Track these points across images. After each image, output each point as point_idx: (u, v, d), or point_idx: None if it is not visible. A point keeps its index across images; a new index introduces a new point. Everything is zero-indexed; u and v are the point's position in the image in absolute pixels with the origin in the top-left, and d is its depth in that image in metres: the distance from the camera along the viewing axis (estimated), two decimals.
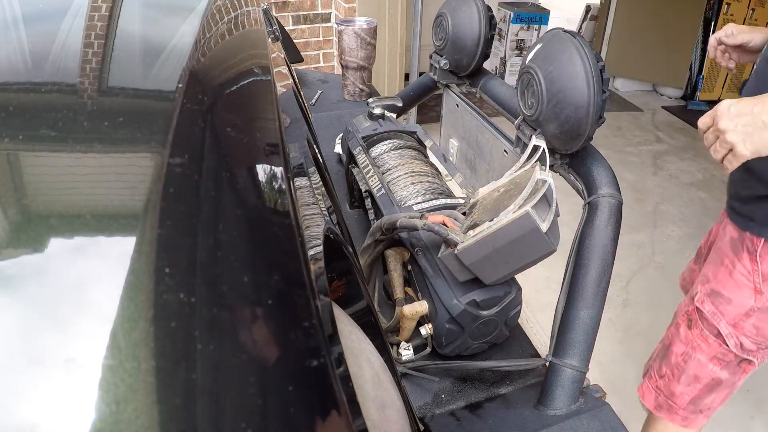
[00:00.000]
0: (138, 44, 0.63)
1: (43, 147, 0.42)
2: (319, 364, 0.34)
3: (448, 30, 1.37)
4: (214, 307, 0.33)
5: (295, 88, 1.04)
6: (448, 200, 1.07)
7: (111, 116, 0.46)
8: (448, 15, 1.38)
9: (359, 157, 1.24)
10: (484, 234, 0.81)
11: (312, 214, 0.58)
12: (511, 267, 0.84)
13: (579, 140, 0.93)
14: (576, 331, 0.87)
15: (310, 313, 0.37)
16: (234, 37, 0.74)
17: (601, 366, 1.98)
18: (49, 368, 0.28)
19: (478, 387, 0.95)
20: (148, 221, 0.36)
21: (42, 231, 0.35)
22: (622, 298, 2.31)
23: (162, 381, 0.28)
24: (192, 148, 0.44)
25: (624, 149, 3.71)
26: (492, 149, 1.31)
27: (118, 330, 0.30)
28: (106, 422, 0.26)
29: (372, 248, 1.03)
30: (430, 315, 0.95)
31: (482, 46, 1.34)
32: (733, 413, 1.84)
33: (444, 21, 1.39)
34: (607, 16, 4.57)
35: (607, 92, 0.88)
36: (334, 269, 0.64)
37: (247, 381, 0.31)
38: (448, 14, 1.38)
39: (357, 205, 1.40)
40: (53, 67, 0.53)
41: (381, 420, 0.49)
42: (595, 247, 0.91)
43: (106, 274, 0.33)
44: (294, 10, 3.13)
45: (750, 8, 4.23)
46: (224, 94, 0.57)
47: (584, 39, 0.91)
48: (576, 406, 0.83)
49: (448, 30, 1.37)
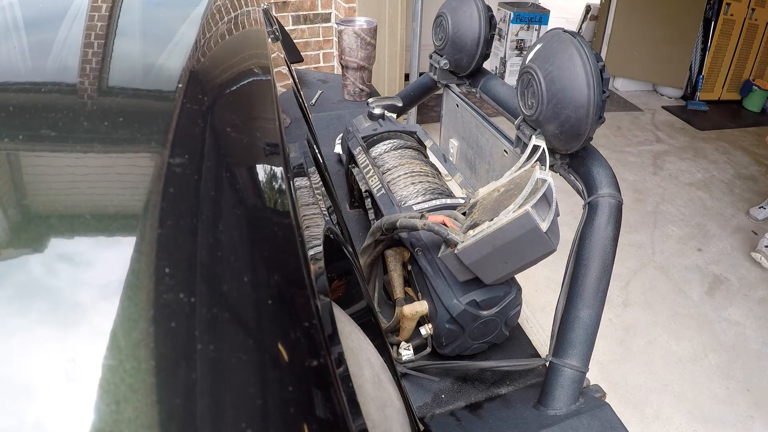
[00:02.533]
0: (138, 44, 0.63)
1: (43, 147, 0.42)
2: (319, 364, 0.34)
3: (448, 30, 1.37)
4: (214, 307, 0.33)
5: (295, 88, 1.04)
6: (448, 200, 1.07)
7: (111, 116, 0.46)
8: (448, 15, 1.38)
9: (359, 157, 1.24)
10: (484, 234, 0.81)
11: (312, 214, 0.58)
12: (511, 267, 0.84)
13: (579, 140, 0.93)
14: (576, 331, 0.87)
15: (310, 313, 0.37)
16: (234, 37, 0.74)
17: (601, 366, 1.98)
18: (49, 368, 0.28)
19: (478, 387, 0.95)
20: (148, 221, 0.36)
21: (42, 231, 0.35)
22: (622, 298, 2.31)
23: (162, 381, 0.28)
24: (192, 148, 0.44)
25: (624, 149, 3.71)
26: (492, 149, 1.31)
27: (118, 330, 0.30)
28: (106, 422, 0.26)
29: (372, 248, 1.03)
30: (430, 315, 0.95)
31: (482, 46, 1.34)
32: (733, 413, 1.84)
33: (444, 21, 1.39)
34: (607, 16, 4.57)
35: (607, 92, 0.88)
36: (334, 269, 0.64)
37: (247, 381, 0.31)
38: (448, 14, 1.38)
39: (357, 205, 1.40)
40: (53, 67, 0.53)
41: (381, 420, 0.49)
42: (595, 247, 0.91)
43: (107, 274, 0.33)
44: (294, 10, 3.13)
45: (750, 8, 4.23)
46: (224, 94, 0.57)
47: (584, 39, 0.91)
48: (576, 406, 0.83)
49: (448, 30, 1.37)
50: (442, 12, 1.41)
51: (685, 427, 1.79)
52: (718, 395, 1.91)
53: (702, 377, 1.97)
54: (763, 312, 2.31)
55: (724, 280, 2.51)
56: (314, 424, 0.32)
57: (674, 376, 1.97)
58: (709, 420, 1.81)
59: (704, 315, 2.27)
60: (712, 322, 2.24)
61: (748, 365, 2.04)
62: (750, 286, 2.44)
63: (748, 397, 1.90)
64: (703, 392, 1.91)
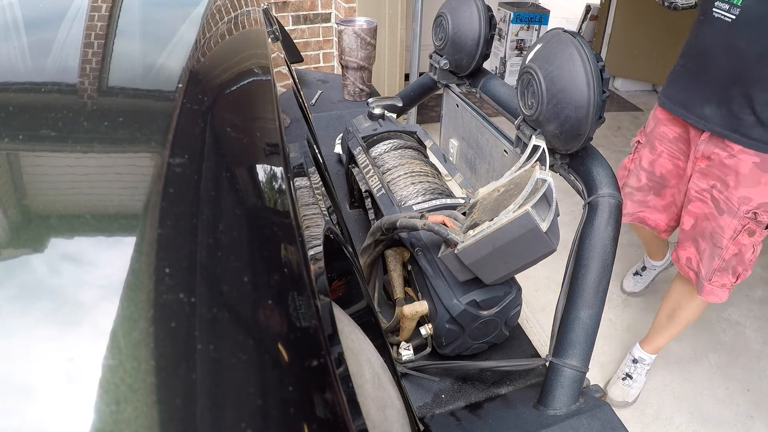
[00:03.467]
0: (138, 44, 0.63)
1: (43, 147, 0.42)
2: (319, 364, 0.34)
3: (448, 30, 1.37)
4: (214, 307, 0.33)
5: (295, 88, 1.04)
6: (448, 200, 1.07)
7: (111, 116, 0.46)
8: (448, 15, 1.38)
9: (359, 157, 1.24)
10: (484, 233, 0.81)
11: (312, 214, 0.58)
12: (511, 267, 0.84)
13: (579, 140, 0.93)
14: (576, 331, 0.87)
15: (310, 313, 0.37)
16: (234, 37, 0.74)
17: (601, 366, 1.98)
18: (49, 368, 0.28)
19: (478, 387, 0.95)
20: (148, 221, 0.36)
21: (42, 231, 0.35)
22: (622, 298, 2.31)
23: (162, 381, 0.28)
24: (192, 148, 0.44)
25: (624, 149, 3.71)
26: (492, 149, 1.31)
27: (118, 330, 0.30)
28: (106, 422, 0.26)
29: (372, 248, 1.03)
30: (430, 315, 0.95)
31: (482, 46, 1.34)
32: (733, 413, 1.84)
33: (444, 21, 1.39)
34: (607, 16, 4.57)
35: (607, 92, 0.88)
36: (334, 269, 0.64)
37: (247, 381, 0.31)
38: (448, 14, 1.38)
39: (357, 205, 1.40)
40: (53, 67, 0.53)
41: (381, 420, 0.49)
42: (595, 247, 0.91)
43: (107, 274, 0.33)
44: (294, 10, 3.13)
45: None
46: (224, 94, 0.57)
47: (584, 39, 0.91)
48: (576, 406, 0.83)
49: (448, 30, 1.37)
50: (442, 12, 1.41)
51: (685, 427, 1.79)
52: (718, 395, 1.91)
53: (702, 377, 1.97)
54: (763, 312, 2.31)
55: None
56: (314, 424, 0.32)
57: (674, 376, 1.97)
58: (709, 420, 1.81)
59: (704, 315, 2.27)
60: (712, 322, 2.24)
61: (748, 365, 2.04)
62: (750, 286, 2.44)
63: (748, 397, 1.90)
64: (703, 392, 1.91)
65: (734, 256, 1.46)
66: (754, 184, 1.36)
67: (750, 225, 1.40)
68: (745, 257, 1.46)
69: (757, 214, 1.38)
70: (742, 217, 1.40)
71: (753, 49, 1.24)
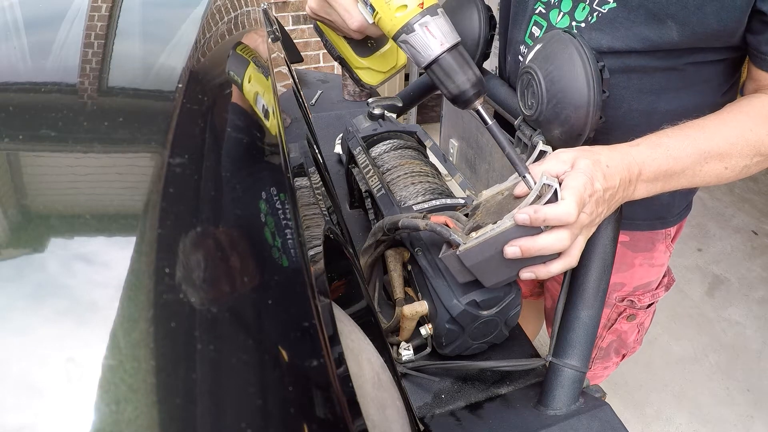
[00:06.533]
0: (138, 44, 0.63)
1: (43, 147, 0.42)
2: (319, 364, 0.34)
3: None
4: (214, 307, 0.33)
5: (295, 88, 1.04)
6: (448, 200, 1.07)
7: (111, 116, 0.46)
8: (447, 15, 1.37)
9: (359, 157, 1.24)
10: (487, 236, 0.81)
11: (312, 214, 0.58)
12: (512, 271, 0.84)
13: (579, 140, 0.93)
14: (576, 331, 0.87)
15: (310, 314, 0.37)
16: (234, 37, 0.74)
17: None
18: (49, 368, 0.28)
19: (478, 387, 0.95)
20: (148, 221, 0.36)
21: (42, 231, 0.35)
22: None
23: (162, 381, 0.28)
24: (192, 148, 0.44)
25: None
26: (492, 149, 1.31)
27: (118, 330, 0.30)
28: (106, 422, 0.26)
29: (373, 249, 1.03)
30: (430, 315, 0.95)
31: (482, 46, 1.33)
32: (733, 413, 1.84)
33: None
34: None
35: (607, 92, 0.88)
36: (334, 269, 0.64)
37: (247, 381, 0.31)
38: (448, 14, 1.37)
39: (357, 205, 1.40)
40: (53, 67, 0.53)
41: (381, 420, 0.49)
42: (595, 247, 0.91)
43: (106, 274, 0.33)
44: (294, 10, 3.13)
45: None
46: (224, 94, 0.57)
47: (584, 39, 0.91)
48: (576, 406, 0.83)
49: None
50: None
51: (685, 427, 1.79)
52: (718, 395, 1.91)
53: (702, 377, 1.97)
54: (763, 312, 2.31)
55: (724, 280, 2.51)
56: (314, 424, 0.32)
57: (674, 376, 1.97)
58: (709, 420, 1.81)
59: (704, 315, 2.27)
60: (712, 322, 2.24)
61: (748, 365, 2.04)
62: (750, 286, 2.44)
63: (748, 397, 1.90)
64: (703, 392, 1.91)
65: (614, 342, 1.30)
66: (627, 268, 1.17)
67: (627, 311, 1.23)
68: (628, 340, 1.30)
69: (634, 301, 1.21)
70: (615, 305, 1.22)
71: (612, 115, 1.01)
